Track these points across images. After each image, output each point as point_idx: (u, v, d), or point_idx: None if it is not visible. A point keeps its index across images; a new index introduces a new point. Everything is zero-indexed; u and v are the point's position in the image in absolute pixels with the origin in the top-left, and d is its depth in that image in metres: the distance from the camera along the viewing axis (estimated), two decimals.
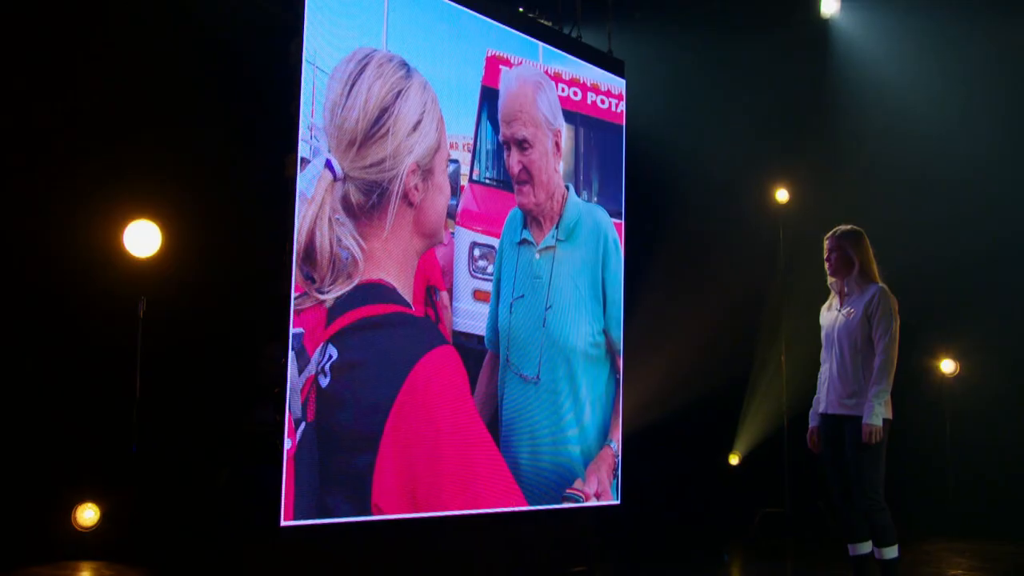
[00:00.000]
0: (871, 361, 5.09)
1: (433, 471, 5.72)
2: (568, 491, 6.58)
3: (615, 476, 6.94)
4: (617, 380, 6.99)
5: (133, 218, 6.72)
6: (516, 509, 6.23)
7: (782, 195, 10.28)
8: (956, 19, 9.00)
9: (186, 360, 6.71)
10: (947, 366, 10.52)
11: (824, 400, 5.32)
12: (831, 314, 5.34)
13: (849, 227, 5.34)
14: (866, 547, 5.23)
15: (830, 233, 5.37)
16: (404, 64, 5.74)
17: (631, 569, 7.43)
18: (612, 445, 6.90)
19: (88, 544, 6.56)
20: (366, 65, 5.56)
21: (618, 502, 6.97)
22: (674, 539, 9.10)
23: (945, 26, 9.10)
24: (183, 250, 6.78)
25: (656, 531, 9.34)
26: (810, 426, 5.48)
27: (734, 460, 10.64)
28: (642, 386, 9.23)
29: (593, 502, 6.74)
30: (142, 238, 6.74)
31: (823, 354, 5.38)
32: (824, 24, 9.83)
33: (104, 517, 6.63)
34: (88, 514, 6.62)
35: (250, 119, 5.78)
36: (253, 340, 5.47)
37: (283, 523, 5.01)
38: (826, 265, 5.34)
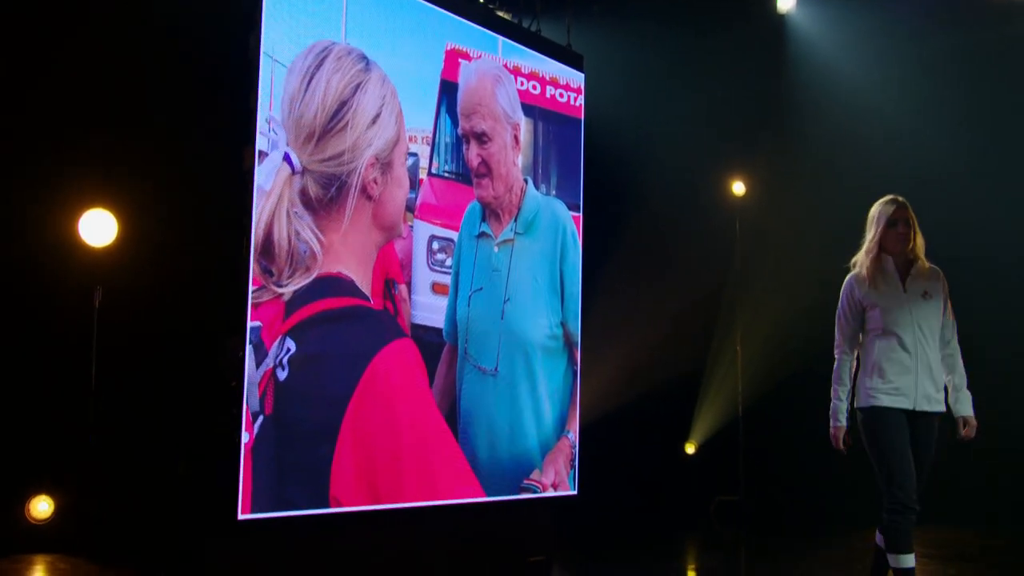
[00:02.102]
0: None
1: (392, 463, 5.70)
2: (526, 482, 6.58)
3: (572, 467, 6.95)
4: (575, 372, 6.99)
5: (88, 207, 6.62)
6: (474, 500, 6.22)
7: (738, 188, 10.36)
8: (909, 16, 9.06)
9: (143, 351, 6.63)
10: None
11: (912, 396, 4.45)
12: (894, 296, 4.54)
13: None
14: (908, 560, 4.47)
15: (889, 200, 4.67)
16: (363, 57, 5.69)
17: (590, 558, 7.45)
18: (569, 436, 6.91)
19: (42, 537, 6.47)
20: (325, 58, 5.50)
21: (575, 492, 6.98)
22: (632, 528, 9.13)
23: (898, 22, 9.17)
24: (141, 241, 6.70)
25: (614, 520, 9.38)
26: (839, 424, 4.71)
27: (690, 449, 10.71)
28: (600, 377, 9.24)
29: (550, 492, 6.75)
30: (98, 227, 6.65)
31: (896, 340, 4.50)
32: (780, 19, 9.86)
33: (58, 510, 6.56)
34: (42, 506, 6.55)
35: (207, 111, 5.71)
36: (211, 333, 5.40)
37: (240, 516, 4.97)
38: (897, 235, 4.56)
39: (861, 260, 4.69)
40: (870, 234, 4.67)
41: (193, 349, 5.97)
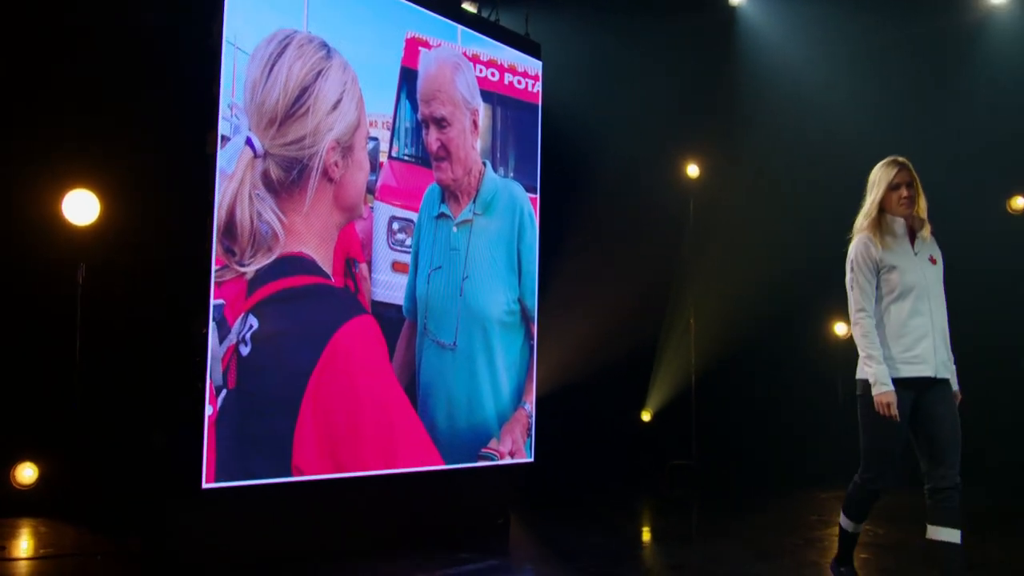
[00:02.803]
0: None
1: (353, 434, 5.65)
2: (483, 450, 6.55)
3: (529, 435, 6.91)
4: (531, 346, 6.95)
5: (72, 188, 6.51)
6: (434, 468, 6.18)
7: (692, 170, 10.32)
8: (855, 9, 9.03)
9: (122, 327, 6.54)
10: (840, 328, 10.67)
11: (932, 362, 4.04)
12: (907, 257, 4.15)
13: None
14: (955, 534, 3.95)
15: (890, 162, 4.26)
16: (324, 45, 5.60)
17: (550, 520, 7.44)
18: (526, 407, 6.88)
19: (27, 501, 6.42)
20: (287, 46, 5.41)
21: (532, 460, 6.95)
22: (590, 491, 9.12)
23: (844, 16, 9.13)
24: (120, 221, 6.60)
25: (574, 484, 9.37)
26: (888, 389, 4.01)
27: (646, 417, 10.70)
28: (561, 350, 9.22)
29: (508, 460, 6.72)
30: (81, 207, 6.53)
31: (911, 304, 4.09)
32: (731, 11, 9.81)
33: (42, 476, 6.50)
34: (27, 472, 6.49)
35: (173, 98, 5.61)
36: (176, 310, 5.32)
37: (205, 485, 4.93)
38: (901, 198, 4.16)
39: (860, 224, 4.28)
40: (870, 197, 4.25)
41: (164, 325, 5.88)
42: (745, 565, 5.42)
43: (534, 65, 7.14)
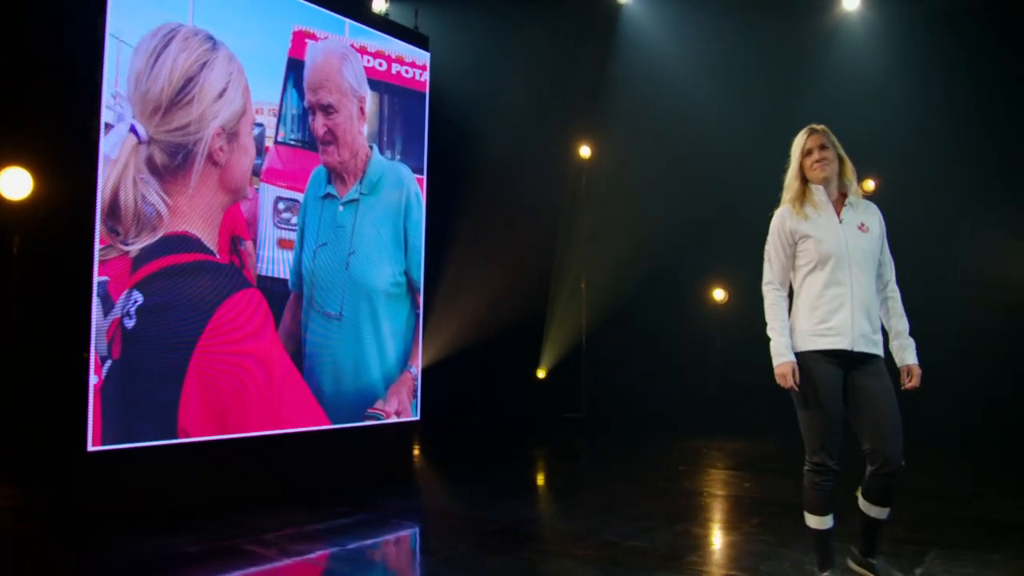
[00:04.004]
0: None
1: (239, 398, 5.62)
2: (370, 411, 6.55)
3: (415, 396, 6.92)
4: (417, 315, 6.94)
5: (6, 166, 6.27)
6: (320, 428, 6.17)
7: (585, 151, 10.33)
8: (728, 10, 9.08)
9: (13, 305, 6.37)
10: (719, 294, 10.81)
11: (849, 335, 3.55)
12: (828, 226, 3.66)
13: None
14: (883, 512, 3.66)
15: (805, 130, 3.79)
16: (210, 38, 5.49)
17: (437, 474, 7.49)
18: (412, 370, 6.88)
19: None
20: (171, 39, 5.30)
21: (418, 419, 6.97)
22: (487, 445, 9.18)
23: (719, 15, 9.18)
24: (44, 197, 6.37)
25: (472, 440, 9.43)
26: (787, 360, 3.61)
27: (541, 374, 10.78)
28: (459, 316, 9.25)
29: (394, 419, 6.72)
30: (14, 183, 6.25)
31: (829, 275, 3.62)
32: (617, 6, 9.79)
33: None
34: None
35: (58, 88, 5.46)
36: (65, 288, 5.21)
37: (90, 448, 4.88)
38: (813, 163, 3.70)
39: (783, 196, 3.80)
40: (790, 168, 3.79)
41: (52, 302, 5.77)
42: (595, 515, 5.49)
43: (422, 56, 7.06)
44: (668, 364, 10.61)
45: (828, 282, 3.60)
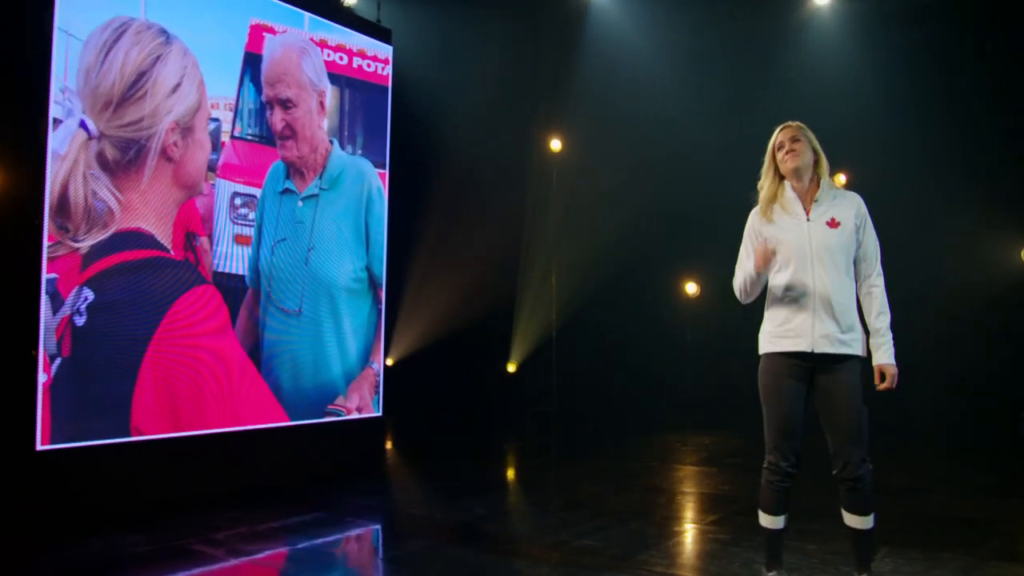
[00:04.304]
0: (854, 286, 3.56)
1: (195, 396, 5.58)
2: (330, 407, 6.53)
3: (376, 392, 6.89)
4: (379, 310, 6.91)
5: None
6: (280, 425, 6.14)
7: (556, 144, 10.29)
8: (698, 3, 9.08)
9: None
10: (691, 288, 10.82)
11: (809, 336, 3.46)
12: (794, 225, 3.54)
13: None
14: (858, 521, 3.53)
15: (783, 126, 3.65)
16: (163, 32, 5.43)
17: (404, 470, 7.46)
18: (374, 366, 6.85)
19: None
20: (123, 33, 5.24)
21: (380, 414, 6.94)
22: (457, 439, 9.17)
23: (689, 8, 9.17)
24: None
25: (440, 435, 9.41)
26: (757, 250, 3.55)
27: (511, 368, 10.77)
28: (428, 310, 9.21)
29: (355, 415, 6.69)
30: None
31: (790, 276, 3.52)
32: (585, 3, 9.77)
33: None
34: None
35: (4, 83, 5.36)
36: (13, 286, 5.14)
37: (39, 447, 4.83)
38: (787, 159, 3.56)
39: (758, 195, 3.69)
40: (764, 166, 3.68)
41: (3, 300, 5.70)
42: (554, 513, 5.49)
43: (384, 49, 7.02)
44: (640, 358, 10.62)
45: (790, 283, 3.51)
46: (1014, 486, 6.63)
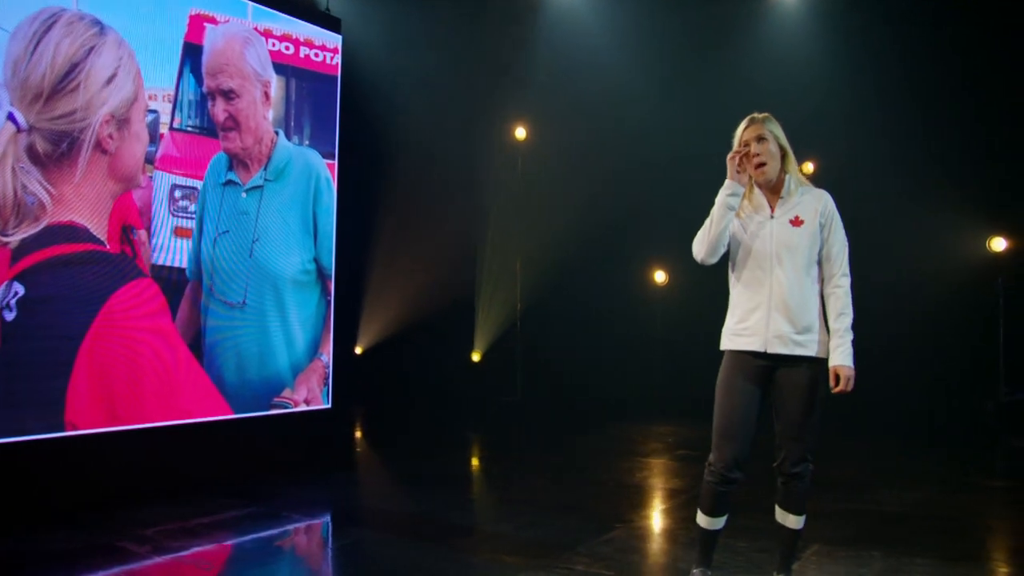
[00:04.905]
0: (816, 286, 3.48)
1: (133, 389, 5.57)
2: (276, 399, 6.52)
3: (326, 384, 6.88)
4: (328, 302, 6.90)
5: None
6: (222, 418, 6.13)
7: (520, 132, 10.26)
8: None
9: None
10: (659, 276, 10.80)
11: (762, 335, 3.42)
12: (759, 223, 3.48)
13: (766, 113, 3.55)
14: (790, 520, 3.58)
15: (746, 119, 3.53)
16: (97, 22, 5.38)
17: (369, 458, 7.47)
18: (323, 358, 6.84)
19: None
20: (53, 24, 5.19)
21: (329, 406, 6.93)
22: (422, 430, 9.16)
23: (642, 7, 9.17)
24: None
25: (405, 424, 9.41)
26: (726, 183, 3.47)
27: (476, 357, 10.76)
28: (392, 301, 9.20)
29: (303, 408, 6.68)
30: None
31: (749, 273, 3.49)
32: None
33: None
34: None
35: None
36: None
37: None
38: (752, 160, 3.45)
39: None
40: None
41: None
42: (494, 506, 5.49)
43: (333, 39, 6.97)
44: (608, 347, 10.60)
45: (748, 281, 3.48)
46: (965, 480, 6.65)
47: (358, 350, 10.12)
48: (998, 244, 9.57)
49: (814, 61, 9.35)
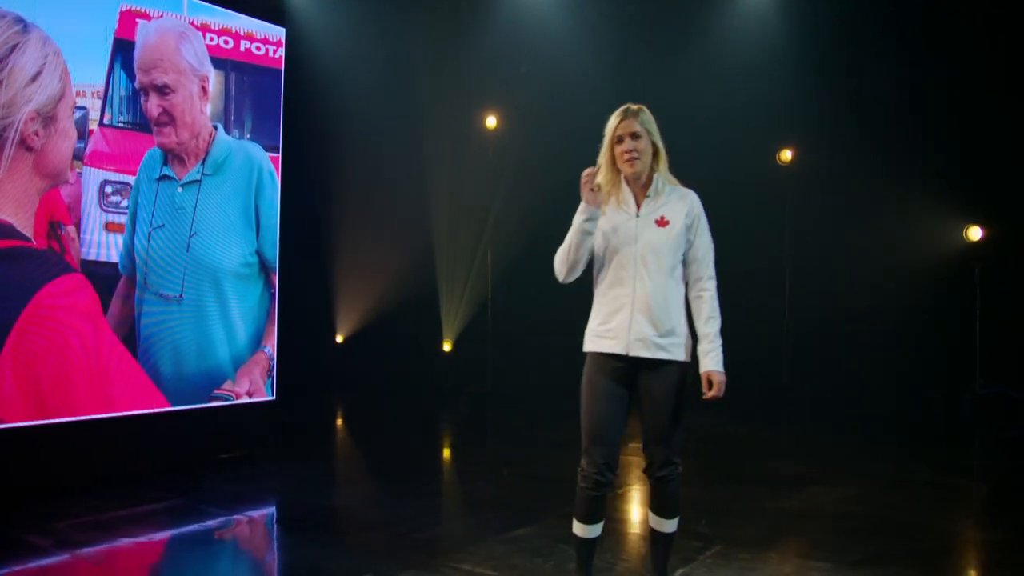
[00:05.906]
0: (681, 288, 3.45)
1: (63, 383, 5.67)
2: (216, 392, 6.60)
3: (269, 376, 6.97)
4: (272, 294, 6.96)
5: None
6: (157, 410, 6.23)
7: (491, 121, 10.26)
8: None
9: None
10: None
11: (624, 339, 3.37)
12: (623, 222, 3.42)
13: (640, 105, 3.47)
14: (662, 523, 3.57)
15: (618, 111, 3.46)
16: (20, 20, 5.45)
17: (315, 451, 7.55)
18: (266, 350, 6.92)
19: None
20: None
21: (273, 398, 7.01)
22: (396, 417, 9.23)
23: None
24: None
25: (387, 410, 9.50)
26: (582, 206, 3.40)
27: (447, 347, 10.81)
28: (360, 293, 9.27)
29: (245, 400, 6.77)
30: None
31: (613, 273, 3.42)
32: None
33: None
34: None
35: None
36: None
37: None
38: (623, 153, 3.39)
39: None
40: (602, 149, 3.46)
41: None
42: (413, 501, 5.54)
43: (276, 31, 7.01)
44: (580, 337, 10.58)
45: (612, 281, 3.41)
46: (904, 477, 6.61)
47: (338, 339, 10.25)
48: (974, 233, 9.47)
49: (779, 41, 9.24)
